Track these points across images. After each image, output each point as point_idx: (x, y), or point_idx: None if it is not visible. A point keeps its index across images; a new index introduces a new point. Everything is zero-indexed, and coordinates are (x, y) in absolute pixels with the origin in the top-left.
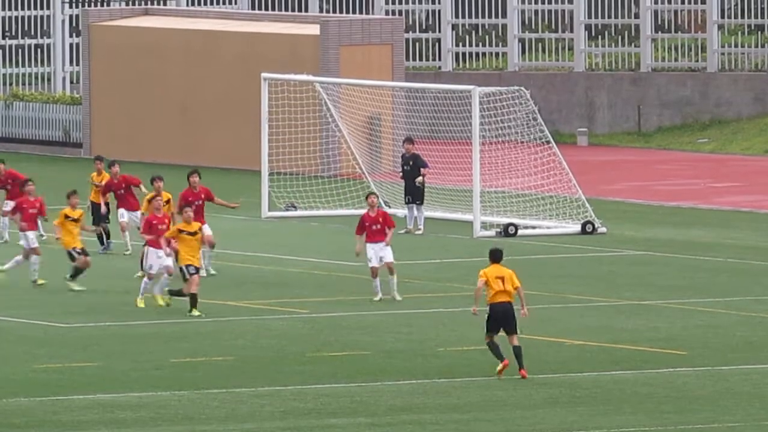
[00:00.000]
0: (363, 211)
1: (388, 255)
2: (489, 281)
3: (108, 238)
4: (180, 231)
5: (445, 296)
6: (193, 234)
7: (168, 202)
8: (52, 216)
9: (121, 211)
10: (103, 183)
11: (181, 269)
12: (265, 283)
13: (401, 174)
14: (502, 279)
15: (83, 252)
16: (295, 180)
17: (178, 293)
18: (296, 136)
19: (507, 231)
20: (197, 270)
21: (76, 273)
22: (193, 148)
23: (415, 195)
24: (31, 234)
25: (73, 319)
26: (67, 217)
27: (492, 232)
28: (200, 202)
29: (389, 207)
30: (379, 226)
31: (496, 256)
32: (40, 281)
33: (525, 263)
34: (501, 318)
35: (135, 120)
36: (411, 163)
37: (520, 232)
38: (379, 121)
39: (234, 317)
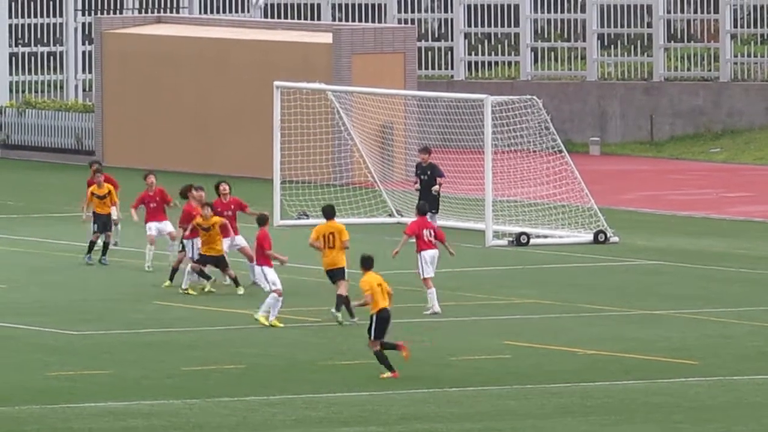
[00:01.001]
0: (376, 219)
1: None
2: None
3: (105, 252)
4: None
5: (456, 305)
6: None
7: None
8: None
9: (151, 224)
10: (105, 193)
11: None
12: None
13: (417, 183)
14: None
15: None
16: (307, 188)
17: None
18: (308, 144)
19: (519, 240)
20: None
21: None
22: (206, 156)
23: (431, 204)
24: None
25: (84, 327)
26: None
27: (504, 241)
28: (230, 212)
29: (401, 216)
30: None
31: (367, 264)
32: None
33: (537, 272)
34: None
35: (147, 128)
36: (429, 172)
37: (532, 241)
38: (391, 129)
39: (245, 326)
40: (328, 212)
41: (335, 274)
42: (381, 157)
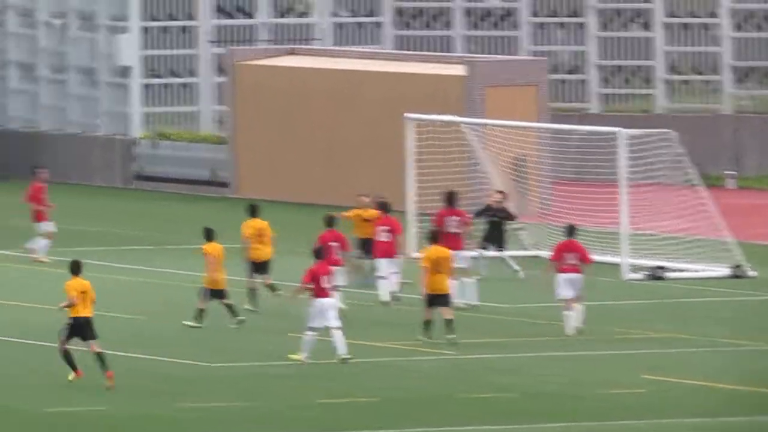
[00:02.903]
0: (513, 253)
1: None
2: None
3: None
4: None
5: (592, 338)
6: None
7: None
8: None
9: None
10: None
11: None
12: (411, 324)
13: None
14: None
15: None
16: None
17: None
18: (441, 176)
19: (655, 273)
20: None
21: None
22: (338, 188)
23: (498, 240)
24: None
25: (217, 359)
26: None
27: (640, 275)
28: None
29: (537, 249)
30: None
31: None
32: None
33: (673, 306)
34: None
35: (280, 159)
36: (501, 214)
37: (668, 274)
38: (524, 162)
39: (379, 358)
40: (435, 237)
41: (438, 300)
42: (515, 190)
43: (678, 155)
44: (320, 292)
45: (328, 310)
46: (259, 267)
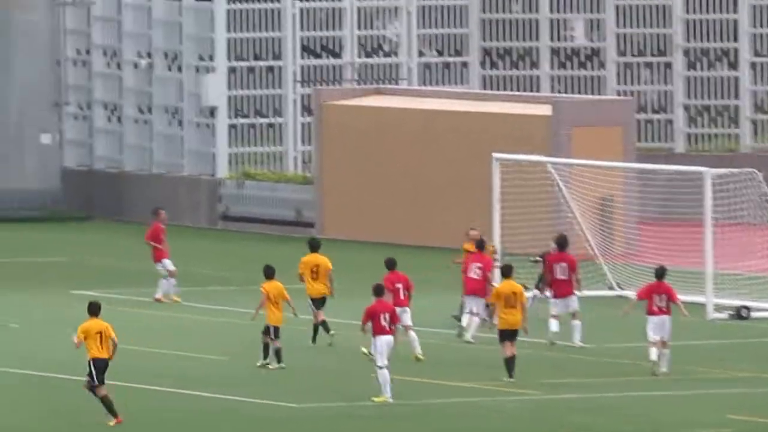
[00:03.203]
0: (596, 292)
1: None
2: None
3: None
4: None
5: (679, 379)
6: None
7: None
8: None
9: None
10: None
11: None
12: (496, 365)
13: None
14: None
15: None
16: (525, 261)
17: None
18: (527, 216)
19: (740, 313)
20: None
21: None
22: (423, 227)
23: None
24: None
25: (304, 399)
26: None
27: (725, 315)
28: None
29: (621, 289)
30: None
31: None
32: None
33: (759, 346)
34: None
35: (366, 200)
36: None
37: (753, 314)
38: (611, 202)
39: (464, 398)
40: (507, 271)
41: (509, 335)
42: (601, 230)
43: (763, 194)
44: (379, 330)
45: (389, 346)
46: (315, 302)
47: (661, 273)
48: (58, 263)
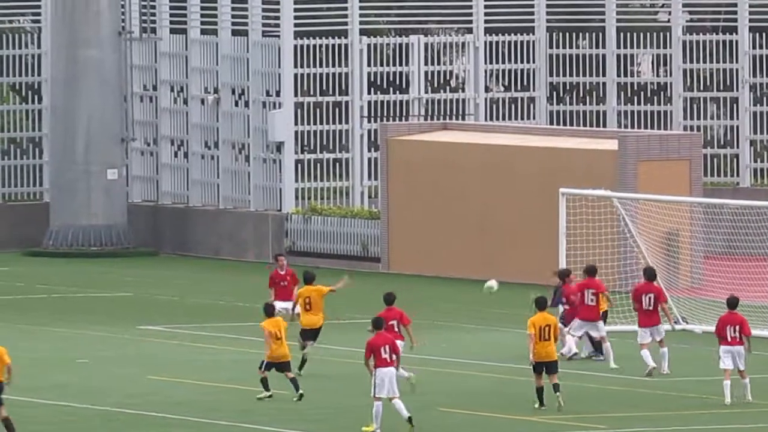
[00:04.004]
0: (664, 327)
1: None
2: None
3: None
4: None
5: (744, 412)
6: None
7: None
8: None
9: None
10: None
11: None
12: (573, 398)
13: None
14: None
15: None
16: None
17: None
18: (594, 251)
19: None
20: None
21: None
22: (491, 263)
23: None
24: None
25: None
26: None
27: None
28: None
29: (687, 323)
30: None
31: None
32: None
33: None
34: None
35: (432, 235)
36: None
37: None
38: (677, 236)
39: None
40: (542, 304)
41: (548, 367)
42: (667, 265)
43: None
44: (380, 363)
45: (390, 379)
46: (306, 333)
47: (732, 303)
48: (124, 298)
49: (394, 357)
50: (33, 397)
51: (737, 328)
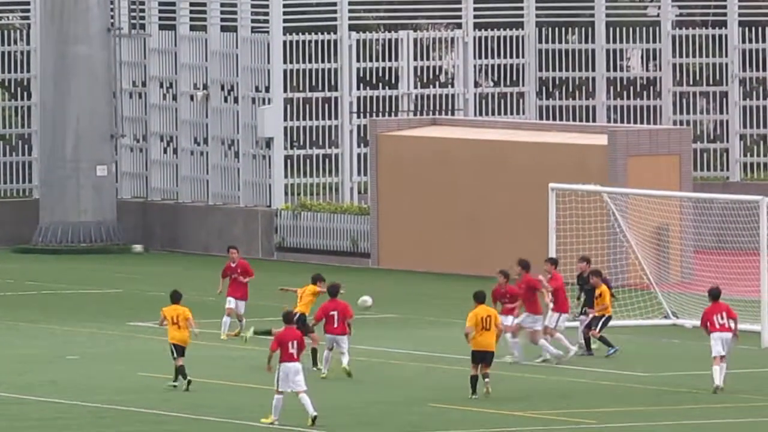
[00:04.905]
0: (651, 321)
1: None
2: None
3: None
4: None
5: (734, 407)
6: None
7: None
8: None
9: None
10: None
11: None
12: (552, 394)
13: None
14: None
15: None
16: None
17: None
18: (583, 246)
19: None
20: None
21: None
22: (481, 258)
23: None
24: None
25: (360, 430)
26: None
27: None
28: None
29: (677, 317)
30: None
31: None
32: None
33: None
34: None
35: (422, 230)
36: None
37: None
38: (667, 231)
39: (522, 427)
40: (481, 297)
41: (483, 357)
42: (657, 259)
43: None
44: (286, 357)
45: (296, 374)
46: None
47: (715, 294)
48: (114, 295)
49: (300, 353)
50: (23, 394)
51: (724, 314)
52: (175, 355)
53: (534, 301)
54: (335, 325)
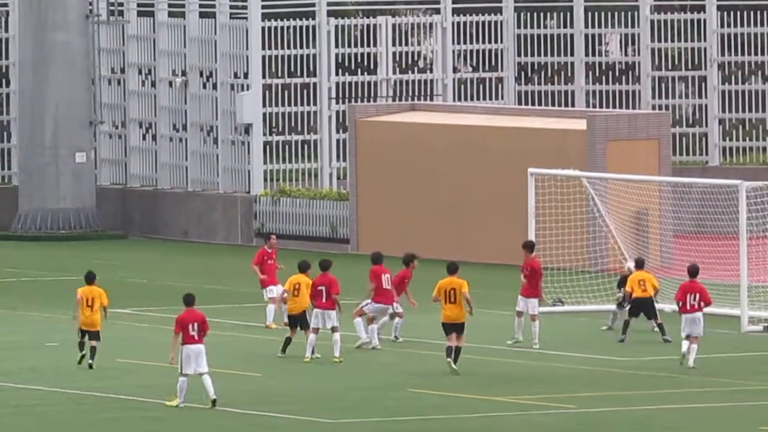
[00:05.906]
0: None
1: None
2: None
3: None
4: None
5: (714, 391)
6: None
7: None
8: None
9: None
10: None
11: None
12: (531, 379)
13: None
14: None
15: None
16: (562, 275)
17: None
18: (563, 231)
19: None
20: None
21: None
22: (460, 243)
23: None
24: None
25: (341, 415)
26: None
27: (760, 327)
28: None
29: (657, 302)
30: None
31: None
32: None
33: None
34: None
35: (401, 215)
36: None
37: None
38: (646, 216)
39: (501, 412)
40: (452, 268)
41: (453, 328)
42: (636, 244)
43: None
44: (188, 339)
45: (197, 356)
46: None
47: (693, 272)
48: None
49: (202, 335)
50: (2, 381)
51: (697, 296)
52: (79, 338)
53: (535, 285)
54: (324, 300)
